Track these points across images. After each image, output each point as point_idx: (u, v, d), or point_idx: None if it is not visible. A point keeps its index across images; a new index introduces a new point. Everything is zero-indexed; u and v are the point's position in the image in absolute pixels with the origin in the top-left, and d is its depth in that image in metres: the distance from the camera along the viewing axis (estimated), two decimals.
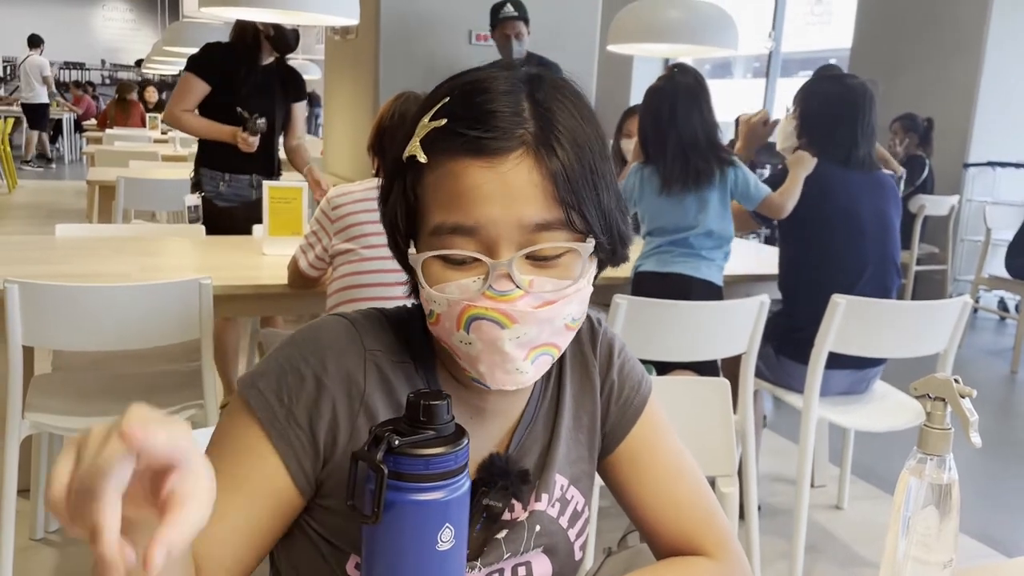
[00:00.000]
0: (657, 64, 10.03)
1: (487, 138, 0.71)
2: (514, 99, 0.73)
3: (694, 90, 2.46)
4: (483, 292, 0.71)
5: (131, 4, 15.23)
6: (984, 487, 3.09)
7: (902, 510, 0.80)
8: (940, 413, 0.79)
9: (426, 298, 0.75)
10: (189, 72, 3.20)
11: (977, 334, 5.55)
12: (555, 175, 0.71)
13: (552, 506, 0.86)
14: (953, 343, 2.40)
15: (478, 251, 0.71)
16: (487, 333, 0.71)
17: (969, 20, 6.07)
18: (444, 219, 0.72)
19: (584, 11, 5.15)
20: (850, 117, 2.49)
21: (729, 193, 2.49)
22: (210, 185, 3.25)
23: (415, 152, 0.73)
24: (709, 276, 2.48)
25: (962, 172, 6.06)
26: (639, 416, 0.91)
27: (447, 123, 0.73)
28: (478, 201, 0.71)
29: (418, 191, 0.74)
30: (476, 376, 0.76)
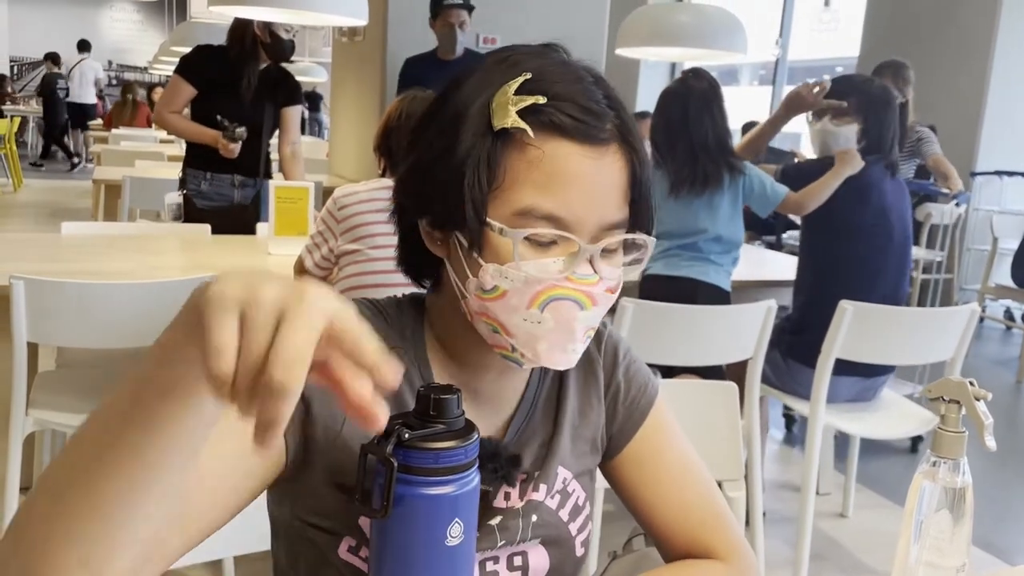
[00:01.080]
0: (664, 68, 10.04)
1: (589, 123, 0.72)
2: (595, 89, 0.74)
3: (707, 95, 2.46)
4: (566, 275, 0.72)
5: (138, 5, 15.25)
6: (989, 495, 3.08)
7: (915, 514, 0.79)
8: (954, 416, 0.78)
9: (493, 273, 0.73)
10: (177, 74, 3.22)
11: (983, 343, 5.53)
12: (633, 176, 0.75)
13: (552, 497, 0.85)
14: (961, 351, 2.38)
15: (566, 233, 0.72)
16: (565, 313, 0.72)
17: (976, 30, 6.06)
18: (538, 203, 0.71)
19: (591, 15, 5.16)
20: (892, 120, 2.47)
21: (741, 198, 2.47)
22: (192, 183, 3.26)
23: (517, 124, 0.70)
24: (717, 281, 2.47)
25: (969, 181, 6.04)
26: (645, 417, 0.91)
27: (546, 101, 0.71)
28: (575, 190, 0.72)
29: (508, 163, 0.72)
30: (526, 354, 0.75)
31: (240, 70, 3.17)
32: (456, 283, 0.77)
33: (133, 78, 13.33)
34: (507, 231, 0.71)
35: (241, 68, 3.17)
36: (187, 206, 3.24)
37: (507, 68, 0.74)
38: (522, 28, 4.98)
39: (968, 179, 6.05)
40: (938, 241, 4.79)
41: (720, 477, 1.55)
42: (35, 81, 14.99)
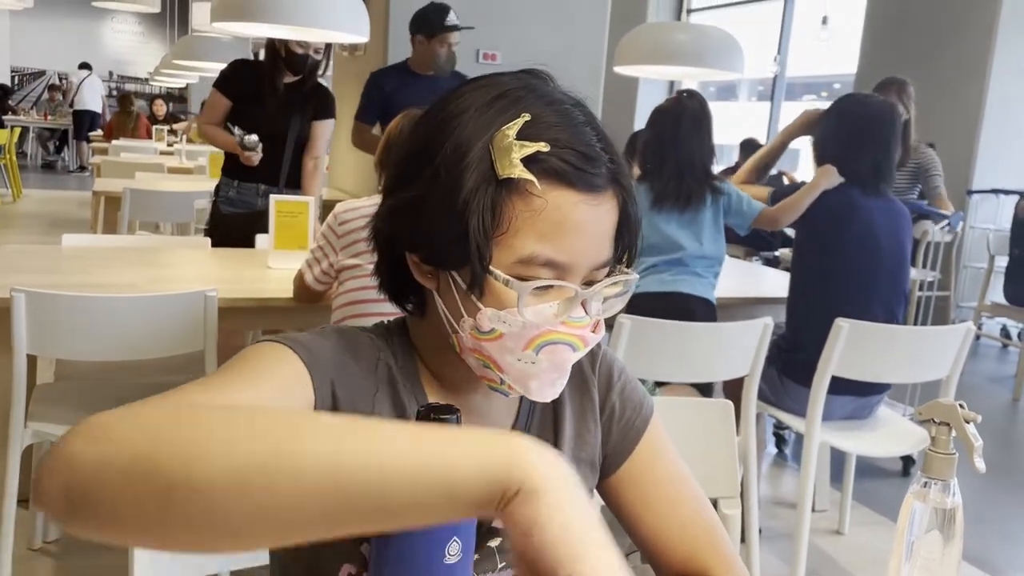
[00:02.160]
0: (662, 86, 10.09)
1: (588, 171, 0.73)
2: (588, 131, 0.75)
3: (698, 115, 2.53)
4: (561, 320, 0.74)
5: (140, 17, 15.30)
6: (984, 514, 3.08)
7: (906, 534, 0.80)
8: (945, 438, 0.80)
9: (491, 317, 0.74)
10: (214, 87, 3.44)
11: (979, 361, 5.54)
12: (626, 217, 0.77)
13: None
14: (956, 369, 2.40)
15: (558, 278, 0.74)
16: (559, 355, 0.75)
17: (974, 49, 6.11)
18: (540, 251, 0.72)
19: (591, 32, 5.20)
20: (870, 140, 2.47)
21: (722, 215, 2.54)
22: (224, 191, 3.46)
23: (524, 176, 0.71)
24: (705, 294, 2.52)
25: (966, 199, 6.07)
26: (641, 437, 0.92)
27: (551, 149, 0.72)
28: (579, 240, 0.73)
29: (510, 211, 0.72)
30: (516, 387, 0.77)
31: (267, 82, 3.35)
32: (447, 317, 0.78)
33: (134, 89, 13.39)
34: (513, 283, 0.72)
35: (268, 81, 3.35)
36: (213, 211, 3.48)
37: (504, 107, 0.74)
38: (522, 45, 5.02)
39: (965, 197, 6.08)
40: (931, 259, 4.81)
41: (716, 494, 1.55)
42: (36, 91, 15.04)
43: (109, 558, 2.30)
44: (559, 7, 5.10)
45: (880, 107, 2.52)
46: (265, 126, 3.34)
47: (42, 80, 15.17)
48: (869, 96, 2.61)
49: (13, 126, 10.65)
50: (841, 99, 2.62)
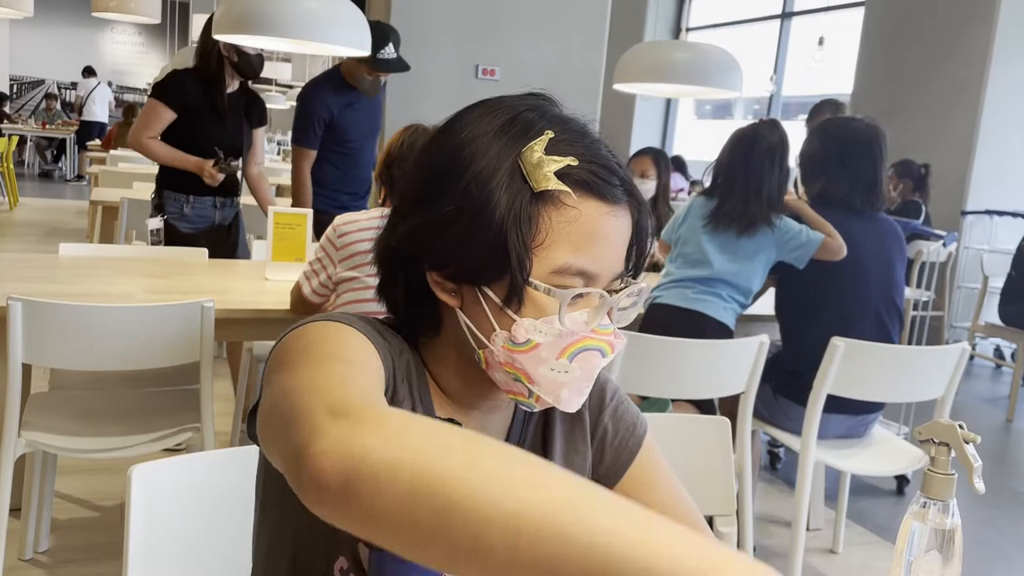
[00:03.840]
0: (659, 104, 10.15)
1: (614, 184, 0.77)
2: (602, 146, 0.78)
3: (773, 146, 2.50)
4: (592, 327, 0.77)
5: (139, 27, 15.34)
6: (979, 534, 3.08)
7: (904, 554, 0.80)
8: (944, 458, 0.80)
9: (528, 328, 0.76)
10: (154, 99, 3.17)
11: (973, 381, 5.55)
12: (639, 229, 0.81)
13: None
14: (951, 389, 2.40)
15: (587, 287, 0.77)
16: (591, 362, 0.77)
17: (969, 70, 6.16)
18: (572, 260, 0.75)
19: (590, 49, 5.23)
20: (851, 160, 2.51)
21: (775, 250, 2.49)
22: (173, 207, 3.21)
23: (559, 187, 0.73)
24: (725, 319, 2.49)
25: (960, 219, 6.11)
26: (633, 459, 0.91)
27: (579, 163, 0.75)
28: (606, 249, 0.77)
29: (546, 222, 0.74)
30: (544, 398, 0.78)
31: (214, 92, 3.15)
32: (472, 332, 0.79)
33: (133, 99, 13.42)
34: (554, 291, 0.75)
35: (214, 89, 3.15)
36: (168, 231, 3.19)
37: (525, 126, 0.76)
38: (521, 61, 5.05)
39: (959, 218, 6.11)
40: (925, 279, 4.83)
41: (712, 512, 1.55)
42: (34, 100, 15.06)
43: (100, 568, 2.29)
44: (558, 24, 5.13)
45: (864, 130, 2.54)
46: (223, 138, 3.18)
47: (41, 89, 15.19)
48: (852, 119, 2.64)
49: (11, 135, 10.64)
50: (825, 122, 2.66)
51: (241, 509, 1.07)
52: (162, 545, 1.06)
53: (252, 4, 2.49)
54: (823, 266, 2.46)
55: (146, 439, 2.04)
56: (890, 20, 6.77)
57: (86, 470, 2.82)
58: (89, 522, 2.55)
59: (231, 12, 2.54)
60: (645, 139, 9.52)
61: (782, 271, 2.57)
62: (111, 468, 2.84)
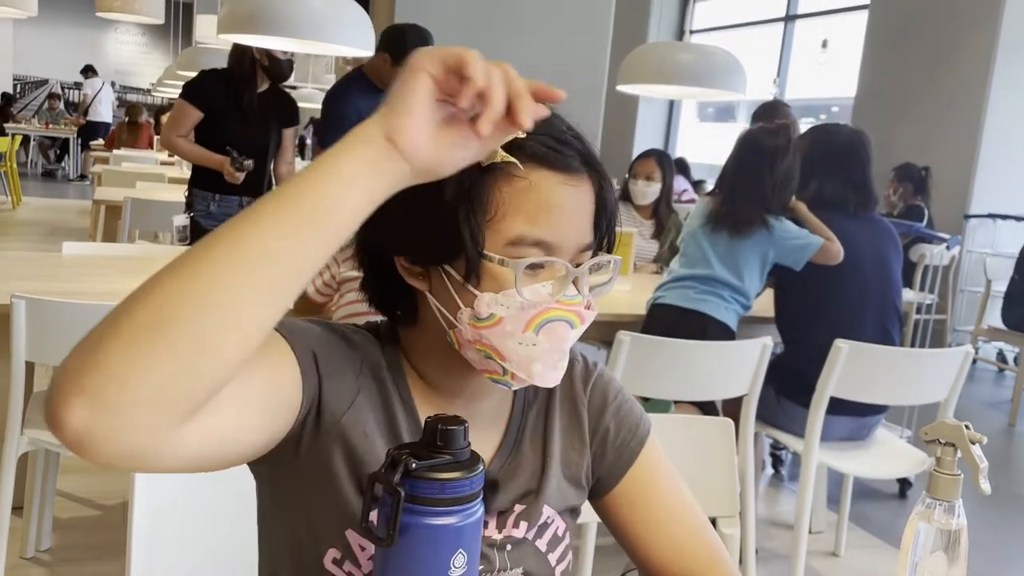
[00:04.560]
0: (662, 105, 10.15)
1: (564, 153, 0.77)
2: (559, 122, 0.79)
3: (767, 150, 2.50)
4: (557, 298, 0.76)
5: (143, 28, 15.35)
6: (981, 538, 3.08)
7: (910, 555, 0.80)
8: (950, 459, 0.80)
9: (489, 302, 0.75)
10: (182, 99, 3.33)
11: (975, 385, 5.54)
12: (603, 203, 0.80)
13: (529, 530, 0.86)
14: (954, 392, 2.40)
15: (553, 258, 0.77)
16: (558, 334, 0.76)
17: (972, 73, 6.15)
18: (528, 231, 0.75)
19: (593, 50, 5.23)
20: (841, 165, 2.55)
21: (772, 252, 2.49)
22: (200, 205, 3.36)
23: (507, 159, 0.74)
24: (727, 320, 2.49)
25: (963, 223, 6.10)
26: (636, 458, 0.91)
27: (529, 136, 0.73)
28: (563, 219, 0.77)
29: (496, 195, 0.75)
30: (518, 375, 0.77)
31: (242, 93, 3.28)
32: (443, 314, 0.79)
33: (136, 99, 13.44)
34: (508, 262, 0.75)
35: (243, 91, 3.28)
36: (194, 228, 3.34)
37: None
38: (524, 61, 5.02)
39: (962, 221, 6.10)
40: (928, 282, 4.83)
41: (715, 514, 1.55)
42: (38, 100, 15.08)
43: (101, 567, 2.29)
44: (562, 25, 5.13)
45: (850, 135, 2.60)
46: (248, 138, 3.30)
47: (44, 89, 15.21)
48: (839, 125, 2.69)
49: (14, 134, 10.66)
50: (813, 130, 2.70)
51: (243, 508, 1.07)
52: (165, 543, 1.06)
53: (257, 3, 2.49)
54: (821, 267, 2.47)
55: None
56: (894, 23, 6.76)
57: (88, 469, 2.82)
58: (91, 521, 2.55)
59: (236, 11, 2.55)
60: (648, 141, 9.52)
61: (780, 274, 2.57)
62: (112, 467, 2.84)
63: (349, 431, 0.78)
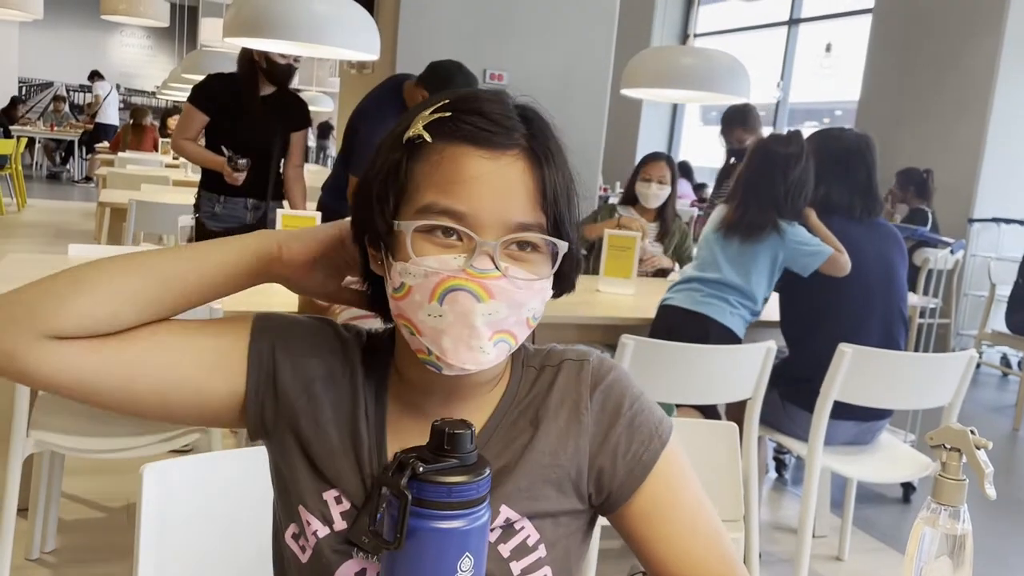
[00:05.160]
0: (666, 108, 10.16)
1: (490, 131, 0.76)
2: (508, 111, 0.79)
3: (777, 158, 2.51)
4: (464, 268, 0.74)
5: (148, 31, 15.39)
6: (985, 543, 3.07)
7: (915, 560, 0.80)
8: (955, 464, 0.79)
9: (399, 271, 0.76)
10: (189, 103, 3.39)
11: (979, 389, 5.53)
12: (544, 182, 0.78)
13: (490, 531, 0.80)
14: (959, 397, 2.40)
15: (464, 229, 0.75)
16: (462, 305, 0.74)
17: (977, 77, 6.15)
18: (436, 200, 0.75)
19: (597, 54, 5.23)
20: (849, 168, 2.55)
21: (781, 259, 2.50)
22: (206, 207, 3.41)
23: (420, 133, 0.77)
24: (732, 325, 2.50)
25: (967, 227, 6.09)
26: (649, 472, 0.86)
27: (451, 114, 0.77)
28: (473, 189, 0.75)
29: (413, 169, 0.77)
30: (436, 353, 0.76)
31: (247, 95, 3.31)
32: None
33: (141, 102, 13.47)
34: (401, 224, 0.76)
35: (248, 93, 3.31)
36: (199, 229, 3.40)
37: (431, 100, 0.81)
38: (529, 65, 5.05)
39: (966, 225, 6.10)
40: (932, 286, 4.82)
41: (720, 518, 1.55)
42: (43, 102, 15.11)
43: (106, 569, 2.29)
44: (566, 29, 5.14)
45: (855, 139, 2.60)
46: (251, 140, 3.33)
47: (49, 91, 15.25)
48: (843, 129, 2.67)
49: (20, 136, 10.69)
50: (817, 134, 2.68)
51: (250, 509, 1.08)
52: (172, 544, 1.07)
53: (261, 7, 2.50)
54: (823, 274, 2.47)
55: (154, 440, 2.05)
56: (898, 27, 6.76)
57: (92, 471, 2.83)
58: (95, 523, 2.55)
59: (241, 14, 2.56)
60: (651, 144, 9.53)
61: (786, 279, 2.58)
62: (117, 469, 2.84)
63: (302, 418, 0.84)
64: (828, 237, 2.48)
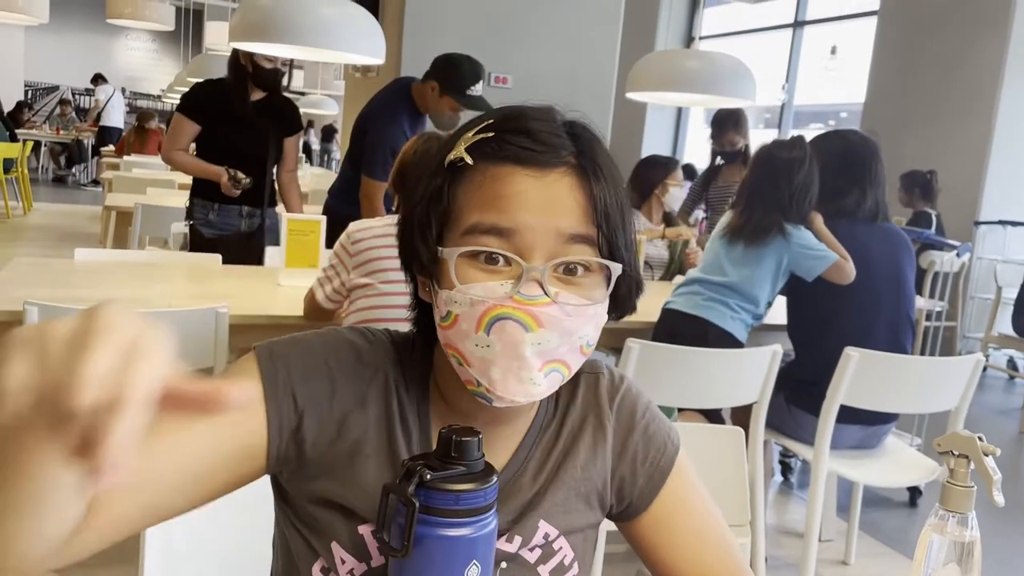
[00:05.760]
0: (670, 112, 10.15)
1: (535, 150, 0.73)
2: (555, 128, 0.76)
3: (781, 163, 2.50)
4: (511, 295, 0.70)
5: (154, 35, 15.43)
6: (990, 547, 3.06)
7: (923, 567, 0.80)
8: (963, 470, 0.79)
9: (445, 300, 0.73)
10: (179, 113, 3.29)
11: (985, 393, 5.51)
12: (595, 198, 0.74)
13: (531, 550, 0.82)
14: (965, 400, 2.39)
15: (512, 252, 0.72)
16: (510, 335, 0.70)
17: (982, 79, 6.14)
18: (481, 219, 0.72)
19: (601, 57, 5.24)
20: (855, 171, 2.54)
21: (786, 263, 2.50)
22: (200, 213, 3.32)
23: (461, 155, 0.74)
24: (732, 329, 2.49)
25: (973, 229, 6.08)
26: (666, 479, 0.87)
27: (495, 134, 0.74)
28: (519, 205, 0.72)
29: (456, 193, 0.74)
30: (485, 385, 0.72)
31: (237, 102, 3.23)
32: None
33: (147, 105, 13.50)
34: (444, 251, 0.73)
35: (237, 99, 3.22)
36: (193, 235, 3.31)
37: (476, 119, 0.78)
38: (533, 69, 5.06)
39: (972, 228, 6.08)
40: (938, 289, 4.81)
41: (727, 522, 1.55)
42: (49, 106, 15.16)
43: (110, 572, 2.29)
44: (571, 33, 5.14)
45: (862, 142, 2.59)
46: (244, 147, 3.26)
47: (55, 95, 15.30)
48: (850, 131, 2.66)
49: (25, 139, 10.72)
50: (824, 136, 2.67)
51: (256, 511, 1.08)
52: (177, 546, 1.07)
53: (268, 11, 2.50)
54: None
55: None
56: (903, 29, 6.75)
57: None
58: None
59: (247, 19, 2.56)
60: (656, 147, 9.52)
61: (793, 283, 2.57)
62: None
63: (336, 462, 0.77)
64: (833, 243, 2.47)
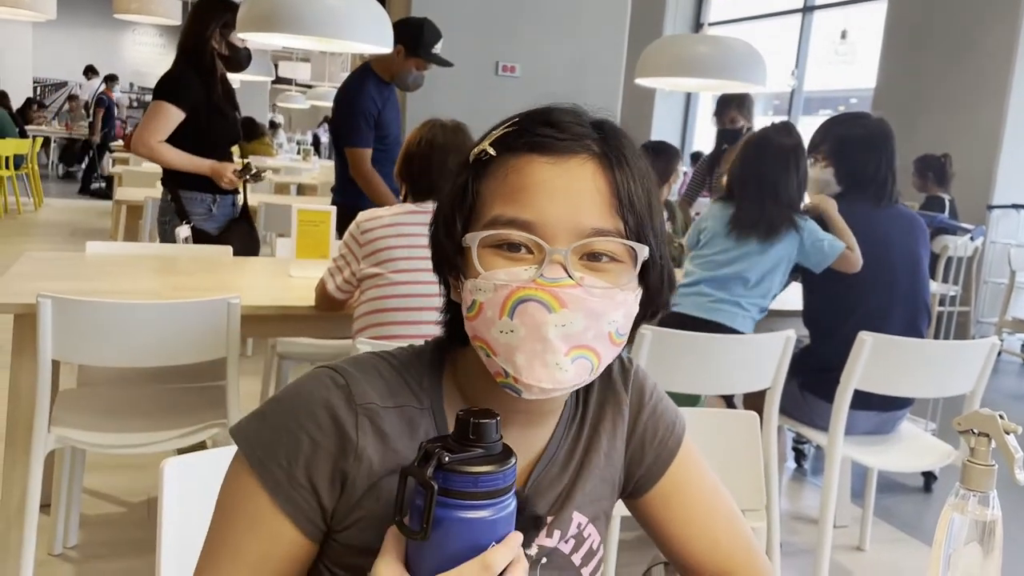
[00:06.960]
0: (679, 98, 10.11)
1: (556, 137, 0.74)
2: (580, 120, 0.77)
3: (788, 150, 2.49)
4: (534, 279, 0.70)
5: (161, 29, 15.46)
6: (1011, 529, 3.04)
7: (944, 546, 0.79)
8: (984, 449, 0.79)
9: (470, 289, 0.73)
10: (163, 100, 3.00)
11: (999, 377, 5.48)
12: (618, 187, 0.74)
13: (566, 542, 0.84)
14: (980, 385, 2.37)
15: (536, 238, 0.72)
16: (533, 317, 0.70)
17: (994, 63, 6.08)
18: (502, 211, 0.73)
19: (610, 44, 5.21)
20: (876, 155, 2.51)
21: (795, 255, 2.48)
22: (199, 208, 3.13)
23: (484, 148, 0.75)
24: (744, 328, 2.47)
25: (986, 213, 6.03)
26: (674, 457, 0.90)
27: (518, 128, 0.76)
28: (540, 196, 0.72)
29: (479, 187, 0.75)
30: (513, 374, 0.71)
31: (215, 87, 3.07)
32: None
33: None
34: (467, 238, 0.74)
35: (210, 85, 3.06)
36: (196, 235, 3.12)
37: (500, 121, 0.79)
38: (541, 57, 5.04)
39: (985, 212, 6.04)
40: (951, 274, 4.78)
41: (741, 507, 1.54)
42: (57, 102, 15.21)
43: (128, 563, 2.31)
44: (578, 20, 5.12)
45: (877, 124, 2.56)
46: (228, 132, 3.15)
47: (63, 91, 15.34)
48: (862, 114, 2.63)
49: (35, 136, 10.76)
50: (836, 120, 2.64)
51: None
52: (194, 539, 1.07)
53: (275, 2, 2.50)
54: None
55: (173, 435, 2.06)
56: (914, 13, 6.69)
57: (113, 466, 2.85)
58: (117, 518, 2.57)
59: (254, 9, 2.56)
60: (665, 134, 9.49)
61: (808, 273, 2.55)
62: (138, 464, 2.86)
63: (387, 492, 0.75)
64: (844, 231, 2.45)
